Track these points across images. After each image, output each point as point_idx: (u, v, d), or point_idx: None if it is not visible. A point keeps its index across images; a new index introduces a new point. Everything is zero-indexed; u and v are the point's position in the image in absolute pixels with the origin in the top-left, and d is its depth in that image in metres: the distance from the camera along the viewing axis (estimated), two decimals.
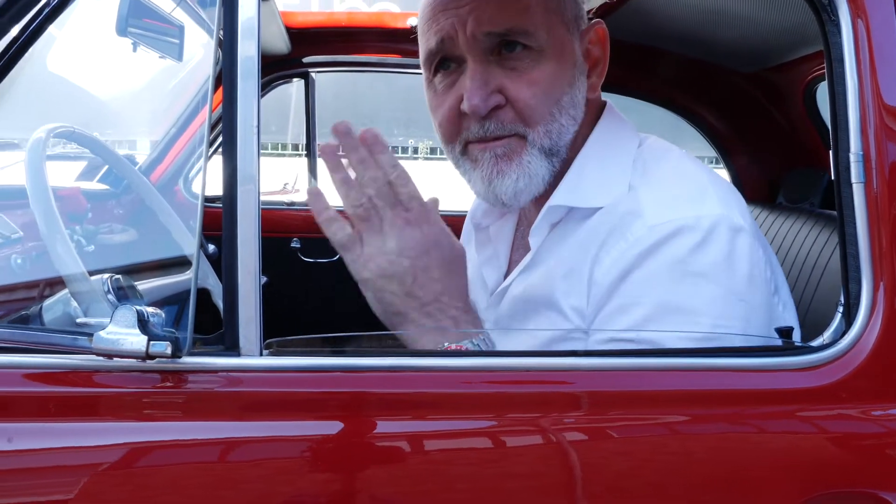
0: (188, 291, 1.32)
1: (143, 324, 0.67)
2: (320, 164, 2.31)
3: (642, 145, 1.03)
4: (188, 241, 1.35)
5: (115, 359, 0.69)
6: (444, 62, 0.99)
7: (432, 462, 0.80)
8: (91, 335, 0.68)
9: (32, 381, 0.75)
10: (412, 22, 1.98)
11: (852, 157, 0.86)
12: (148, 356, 0.68)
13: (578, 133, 1.02)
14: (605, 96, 1.19)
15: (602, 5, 1.64)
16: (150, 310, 0.69)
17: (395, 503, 0.78)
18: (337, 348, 0.83)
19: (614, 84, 2.05)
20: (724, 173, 2.15)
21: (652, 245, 0.88)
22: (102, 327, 0.68)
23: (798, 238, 1.66)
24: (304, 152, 2.31)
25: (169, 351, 0.68)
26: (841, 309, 0.87)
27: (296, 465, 0.76)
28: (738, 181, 2.15)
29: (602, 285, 0.90)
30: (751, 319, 0.89)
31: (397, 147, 8.84)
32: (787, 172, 1.99)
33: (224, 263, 0.74)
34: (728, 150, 2.14)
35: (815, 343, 0.86)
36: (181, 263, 1.43)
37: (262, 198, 0.79)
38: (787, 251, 1.68)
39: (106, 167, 1.83)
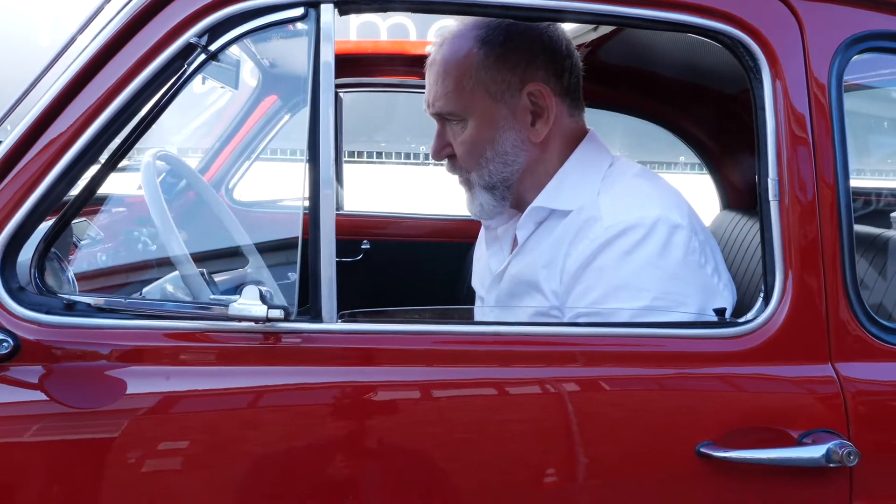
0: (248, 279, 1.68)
1: (262, 298, 1.03)
2: (346, 173, 2.66)
3: (613, 165, 1.40)
4: (247, 243, 1.70)
5: (243, 322, 1.05)
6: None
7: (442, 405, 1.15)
8: (225, 306, 1.04)
9: (170, 338, 1.11)
10: (430, 49, 2.32)
11: (770, 181, 1.20)
12: (267, 319, 1.04)
13: (560, 154, 1.40)
14: (602, 114, 1.48)
15: (597, 38, 1.97)
16: (264, 288, 1.04)
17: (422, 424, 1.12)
18: (392, 318, 1.19)
19: (609, 103, 2.39)
20: (706, 179, 2.47)
21: (605, 241, 1.25)
22: (233, 301, 1.04)
23: None
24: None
25: (282, 315, 1.04)
26: (762, 294, 1.21)
27: (361, 397, 1.13)
28: (723, 188, 2.48)
29: (570, 273, 1.27)
30: (686, 294, 1.24)
31: (409, 153, 9.24)
32: None
33: (311, 257, 1.09)
34: (713, 162, 2.45)
35: (741, 319, 1.20)
36: (237, 255, 1.80)
37: (292, 203, 1.12)
38: None
39: (164, 174, 2.18)
